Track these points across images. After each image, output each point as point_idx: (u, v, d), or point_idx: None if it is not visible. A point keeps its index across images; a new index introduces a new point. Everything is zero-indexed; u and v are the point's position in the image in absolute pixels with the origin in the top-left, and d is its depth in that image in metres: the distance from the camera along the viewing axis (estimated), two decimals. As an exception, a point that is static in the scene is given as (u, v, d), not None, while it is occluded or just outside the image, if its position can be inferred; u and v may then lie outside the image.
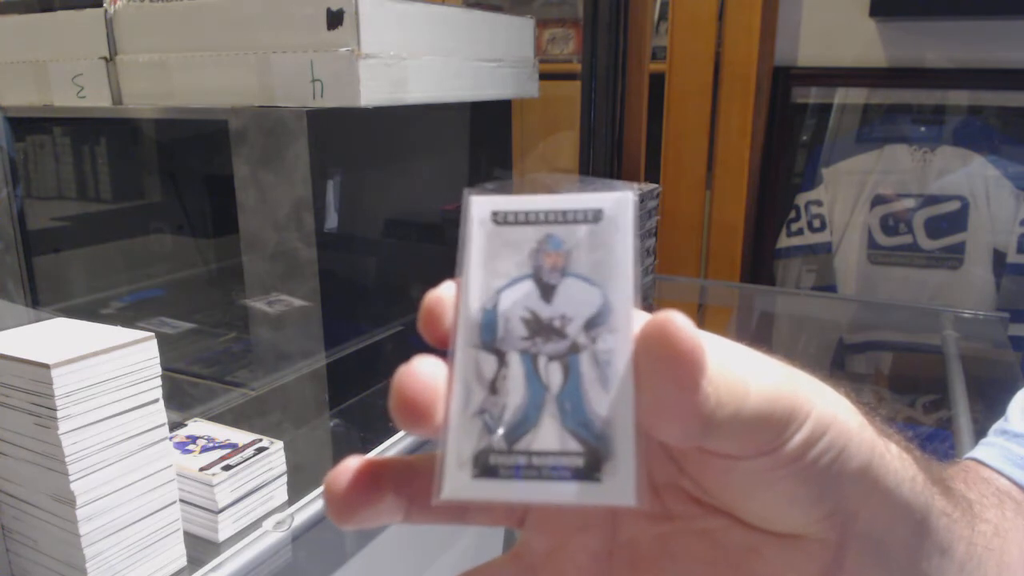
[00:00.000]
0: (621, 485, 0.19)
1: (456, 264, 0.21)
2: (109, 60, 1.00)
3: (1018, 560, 0.33)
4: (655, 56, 1.68)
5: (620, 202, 0.21)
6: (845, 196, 1.66)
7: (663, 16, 1.74)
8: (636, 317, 0.20)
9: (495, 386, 0.20)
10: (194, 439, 0.74)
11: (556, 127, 1.85)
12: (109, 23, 0.99)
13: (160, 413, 0.61)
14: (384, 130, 1.03)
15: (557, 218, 0.21)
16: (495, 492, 0.19)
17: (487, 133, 1.27)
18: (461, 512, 0.25)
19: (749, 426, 0.20)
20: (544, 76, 1.28)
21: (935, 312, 1.43)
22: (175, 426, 0.76)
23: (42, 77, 1.06)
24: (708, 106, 1.65)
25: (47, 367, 0.53)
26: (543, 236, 0.21)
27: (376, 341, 1.04)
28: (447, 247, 1.13)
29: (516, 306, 0.20)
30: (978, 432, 0.84)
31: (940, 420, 1.30)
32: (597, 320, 0.20)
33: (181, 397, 0.98)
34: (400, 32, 0.92)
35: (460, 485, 0.19)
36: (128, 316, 1.26)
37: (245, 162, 0.93)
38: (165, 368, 0.61)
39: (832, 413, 0.22)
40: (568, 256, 0.21)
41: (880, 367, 1.56)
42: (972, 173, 1.57)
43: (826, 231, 1.68)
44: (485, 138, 1.26)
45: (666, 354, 0.18)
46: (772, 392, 0.20)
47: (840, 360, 1.53)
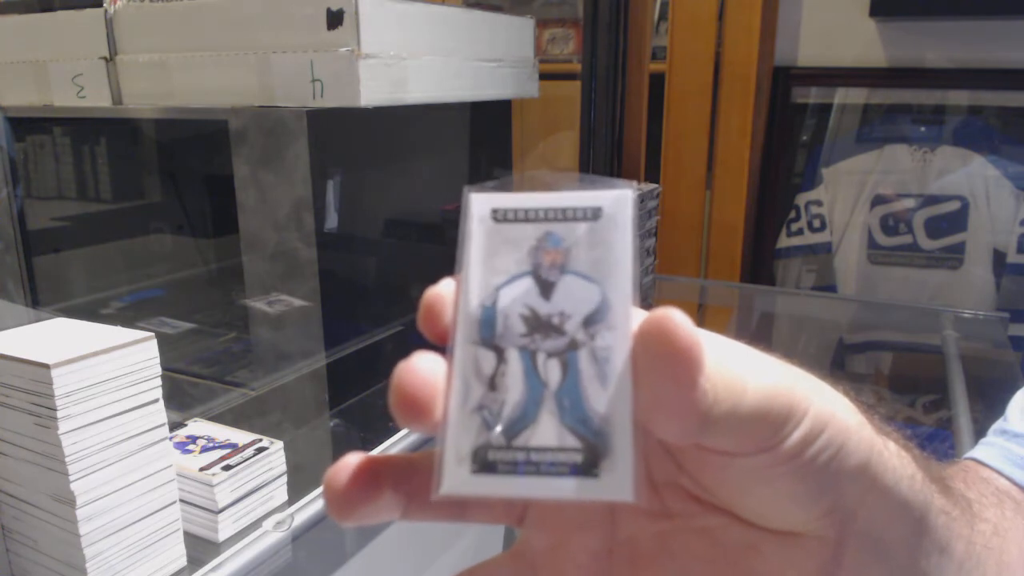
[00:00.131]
0: (619, 481, 0.19)
1: (456, 262, 0.21)
2: (109, 60, 1.00)
3: (1017, 559, 0.33)
4: (655, 56, 1.68)
5: (619, 200, 0.21)
6: (845, 196, 1.66)
7: (663, 16, 1.74)
8: (635, 314, 0.20)
9: (494, 382, 0.20)
10: (194, 439, 0.74)
11: (556, 127, 1.85)
12: (109, 23, 0.99)
13: (160, 413, 0.61)
14: (384, 130, 1.03)
15: (556, 215, 0.21)
16: (494, 487, 0.19)
17: (487, 133, 1.27)
18: (460, 509, 0.25)
19: (747, 423, 0.20)
20: (544, 76, 1.28)
21: (935, 312, 1.43)
22: (175, 426, 0.76)
23: (42, 77, 1.07)
24: (708, 106, 1.65)
25: (47, 367, 0.53)
26: (542, 233, 0.21)
27: (376, 341, 1.04)
28: (447, 247, 1.12)
29: (515, 303, 0.20)
30: (978, 432, 0.84)
31: (940, 420, 1.30)
32: (596, 317, 0.20)
33: (181, 397, 0.98)
34: (400, 32, 0.92)
35: (459, 480, 0.19)
36: (128, 316, 1.26)
37: (245, 162, 0.93)
38: (165, 368, 0.61)
39: (830, 410, 0.22)
40: (567, 253, 0.21)
41: (880, 367, 1.56)
42: (972, 173, 1.57)
43: (826, 231, 1.68)
44: (485, 138, 1.26)
45: (664, 351, 0.19)
46: (770, 389, 0.20)
47: (840, 360, 1.53)
